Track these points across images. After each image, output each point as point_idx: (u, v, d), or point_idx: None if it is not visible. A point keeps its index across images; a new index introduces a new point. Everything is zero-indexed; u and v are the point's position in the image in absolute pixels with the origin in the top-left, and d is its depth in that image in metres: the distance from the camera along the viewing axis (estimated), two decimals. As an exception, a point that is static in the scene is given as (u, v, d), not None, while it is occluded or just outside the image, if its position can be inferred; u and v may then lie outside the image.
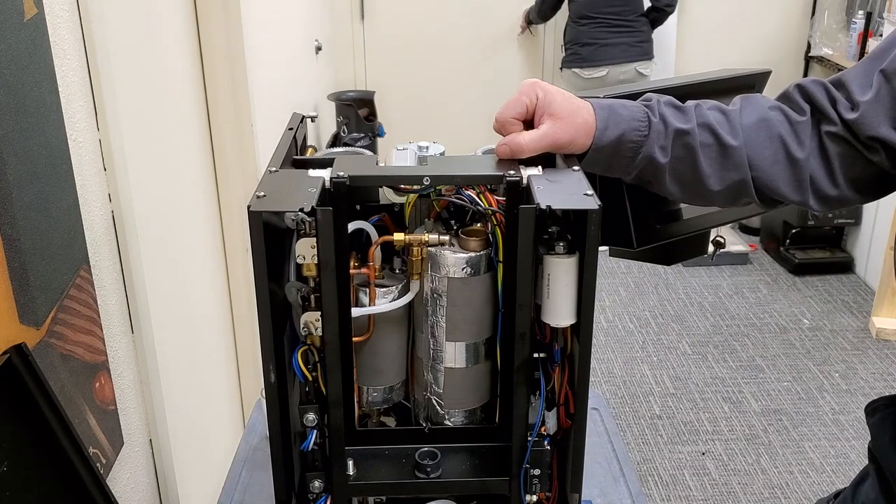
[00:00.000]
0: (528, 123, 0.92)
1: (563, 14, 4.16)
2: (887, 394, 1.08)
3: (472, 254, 0.89)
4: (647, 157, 0.93)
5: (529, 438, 0.90)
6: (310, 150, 1.14)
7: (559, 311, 0.84)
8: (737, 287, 3.90)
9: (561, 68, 4.18)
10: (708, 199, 0.98)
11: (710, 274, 4.02)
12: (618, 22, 3.94)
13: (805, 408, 2.98)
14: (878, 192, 0.96)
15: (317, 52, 3.70)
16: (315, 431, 0.90)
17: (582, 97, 0.94)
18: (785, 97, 0.98)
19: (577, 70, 4.03)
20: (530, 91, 0.91)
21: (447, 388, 0.94)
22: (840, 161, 0.93)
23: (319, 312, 0.85)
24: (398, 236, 0.88)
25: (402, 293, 0.91)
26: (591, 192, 0.81)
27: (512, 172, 0.86)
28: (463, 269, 0.89)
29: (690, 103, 0.96)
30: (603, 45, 3.97)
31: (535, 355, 0.88)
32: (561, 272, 0.83)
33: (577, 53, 4.03)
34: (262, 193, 0.81)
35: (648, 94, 0.97)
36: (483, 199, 0.88)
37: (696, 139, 0.93)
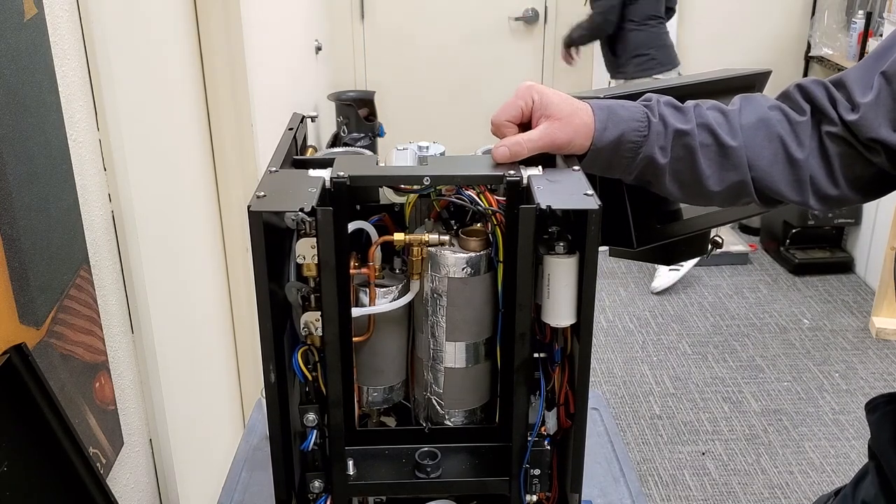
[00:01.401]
0: (525, 127, 0.92)
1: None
2: (887, 392, 1.08)
3: (473, 254, 0.89)
4: (646, 158, 0.93)
5: (529, 438, 0.90)
6: (310, 150, 1.14)
7: (559, 311, 0.84)
8: (737, 287, 3.90)
9: (626, 79, 3.81)
10: (708, 199, 0.98)
11: (710, 274, 4.02)
12: (664, 22, 3.77)
13: (805, 408, 2.98)
14: (878, 192, 0.96)
15: (317, 52, 3.71)
16: (315, 431, 0.90)
17: (580, 98, 0.94)
18: (785, 97, 0.97)
19: (658, 76, 3.71)
20: (526, 94, 0.91)
21: (447, 388, 0.94)
22: (840, 161, 0.93)
23: (319, 312, 0.85)
24: (398, 236, 0.88)
25: (402, 293, 0.91)
26: (591, 192, 0.81)
27: (512, 172, 0.86)
28: (463, 269, 0.89)
29: (690, 103, 0.96)
30: (670, 45, 3.76)
31: (535, 355, 0.88)
32: (561, 272, 0.83)
33: (654, 58, 3.73)
34: (263, 193, 0.81)
35: (648, 94, 0.97)
36: (483, 199, 0.88)
37: (695, 139, 0.93)
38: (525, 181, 0.85)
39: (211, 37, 1.92)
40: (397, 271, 0.94)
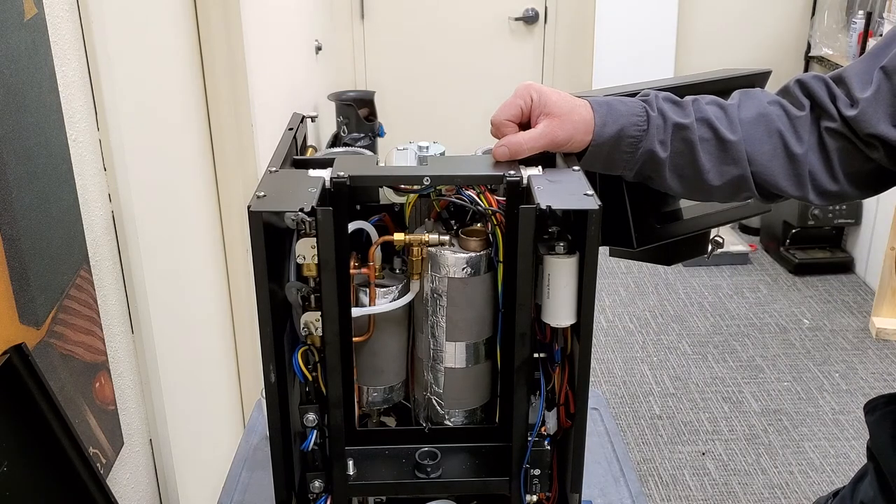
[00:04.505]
0: (524, 126, 0.92)
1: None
2: (886, 392, 1.08)
3: (473, 254, 0.89)
4: (647, 152, 0.93)
5: (529, 438, 0.90)
6: (310, 150, 1.14)
7: (559, 311, 0.84)
8: (737, 287, 3.90)
9: None
10: (708, 193, 0.98)
11: (710, 274, 4.02)
12: None
13: (805, 408, 2.98)
14: (877, 187, 0.97)
15: (317, 52, 3.70)
16: (315, 431, 0.90)
17: (579, 96, 0.94)
18: (785, 92, 0.98)
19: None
20: (525, 93, 0.92)
21: (447, 388, 0.94)
22: (839, 156, 0.93)
23: (319, 312, 0.85)
24: (398, 236, 0.88)
25: (402, 293, 0.91)
26: (591, 192, 0.81)
27: (512, 172, 0.86)
28: (463, 269, 0.89)
29: (688, 98, 0.96)
30: None
31: (536, 355, 0.88)
32: (561, 272, 0.83)
33: None
34: (263, 193, 0.81)
35: (646, 90, 0.97)
36: (483, 199, 0.88)
37: (694, 134, 0.93)
38: (525, 181, 0.85)
39: (211, 37, 1.92)
40: (397, 271, 0.94)
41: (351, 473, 0.92)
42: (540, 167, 0.88)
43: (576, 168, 0.88)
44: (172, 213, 1.71)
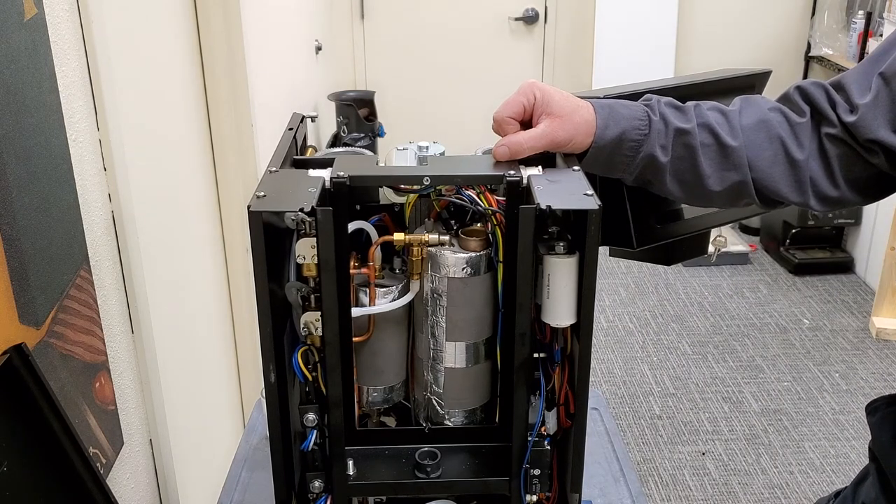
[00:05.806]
0: (526, 125, 0.92)
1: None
2: (887, 393, 1.08)
3: (473, 254, 0.89)
4: (647, 157, 0.93)
5: (529, 438, 0.90)
6: (310, 150, 1.14)
7: (559, 311, 0.84)
8: (737, 287, 3.90)
9: None
10: (708, 199, 0.98)
11: (710, 274, 4.02)
12: None
13: (805, 408, 2.98)
14: (878, 193, 0.96)
15: (317, 52, 3.70)
16: (315, 431, 0.90)
17: (581, 97, 0.94)
18: (785, 98, 0.98)
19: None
20: (528, 91, 0.92)
21: (447, 388, 0.94)
22: (840, 162, 0.93)
23: (319, 312, 0.85)
24: (398, 236, 0.88)
25: (402, 293, 0.91)
26: (591, 192, 0.81)
27: (512, 172, 0.86)
28: (463, 269, 0.89)
29: (690, 104, 0.96)
30: None
31: (535, 355, 0.88)
32: (561, 272, 0.83)
33: None
34: (262, 193, 0.81)
35: (648, 94, 0.98)
36: (483, 199, 0.88)
37: (696, 139, 0.93)
38: (525, 181, 0.85)
39: (211, 37, 1.92)
40: (397, 271, 0.94)
41: (351, 473, 0.92)
42: (540, 167, 0.88)
43: (576, 168, 0.88)
44: (172, 213, 1.71)
